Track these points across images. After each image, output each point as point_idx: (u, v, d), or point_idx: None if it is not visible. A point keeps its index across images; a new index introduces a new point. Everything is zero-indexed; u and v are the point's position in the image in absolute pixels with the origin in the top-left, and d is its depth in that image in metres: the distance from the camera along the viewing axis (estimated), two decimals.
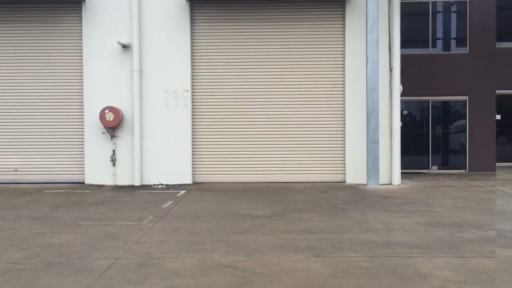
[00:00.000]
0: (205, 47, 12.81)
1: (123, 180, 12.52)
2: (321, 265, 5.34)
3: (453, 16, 16.12)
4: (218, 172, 12.80)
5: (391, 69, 12.36)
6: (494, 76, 15.52)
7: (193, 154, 12.73)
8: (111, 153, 12.51)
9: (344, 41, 12.67)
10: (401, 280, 4.78)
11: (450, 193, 10.82)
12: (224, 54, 12.84)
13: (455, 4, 15.98)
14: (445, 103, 16.00)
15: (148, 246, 6.21)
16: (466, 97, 15.65)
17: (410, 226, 7.29)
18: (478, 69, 15.51)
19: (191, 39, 12.71)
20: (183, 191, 11.29)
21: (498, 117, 15.67)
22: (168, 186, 12.14)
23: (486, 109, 15.52)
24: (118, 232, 7.03)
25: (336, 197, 10.29)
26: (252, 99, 12.84)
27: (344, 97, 12.67)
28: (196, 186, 12.15)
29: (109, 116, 12.18)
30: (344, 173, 12.67)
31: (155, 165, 12.56)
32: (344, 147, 12.62)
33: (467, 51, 15.65)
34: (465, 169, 15.64)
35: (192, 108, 12.74)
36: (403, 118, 14.32)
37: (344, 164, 12.65)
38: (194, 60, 12.78)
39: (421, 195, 10.47)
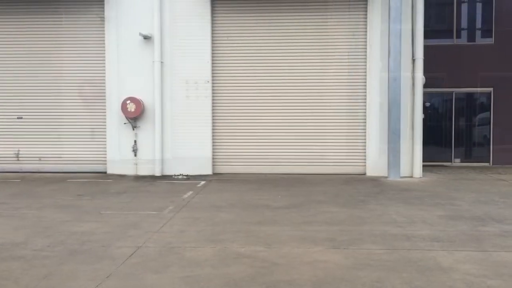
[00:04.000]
0: (226, 37, 12.81)
1: (144, 170, 12.65)
2: (340, 256, 5.34)
3: (478, 6, 15.77)
4: (238, 163, 12.84)
5: (413, 60, 12.18)
6: None
7: (213, 145, 12.78)
8: (133, 143, 12.66)
9: (366, 31, 12.52)
10: (421, 273, 4.75)
11: (472, 186, 10.67)
12: (245, 44, 12.83)
13: None
14: (469, 94, 15.73)
15: (169, 236, 6.28)
16: (491, 89, 15.35)
17: (431, 219, 7.22)
18: (504, 60, 15.18)
19: (212, 30, 12.72)
20: (203, 182, 11.36)
21: None
22: (188, 177, 12.23)
23: None
24: (140, 221, 7.12)
25: (356, 189, 10.24)
26: (273, 89, 12.81)
27: (365, 88, 12.55)
28: (216, 177, 12.21)
29: (131, 107, 12.31)
30: (365, 165, 12.58)
31: (176, 155, 12.65)
32: (365, 139, 12.53)
33: (492, 42, 15.33)
34: (489, 162, 15.39)
35: (213, 99, 12.77)
36: (425, 110, 14.11)
37: (365, 156, 12.57)
38: (214, 51, 12.80)
39: (442, 188, 10.35)
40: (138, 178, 12.16)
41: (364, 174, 12.51)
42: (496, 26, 15.30)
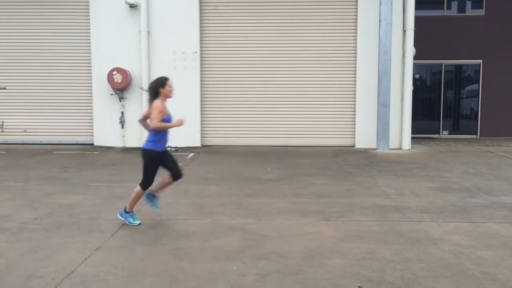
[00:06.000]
0: (214, 7, 12.53)
1: (132, 142, 12.49)
2: (330, 228, 5.33)
3: None
4: (227, 135, 12.74)
5: (404, 31, 12.05)
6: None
7: (201, 117, 12.64)
8: (120, 115, 12.47)
9: (356, 2, 12.33)
10: (412, 245, 4.76)
11: (460, 158, 10.73)
12: (234, 15, 12.57)
13: None
14: (458, 66, 15.70)
15: None
16: (480, 61, 15.32)
17: (420, 191, 7.24)
18: (494, 32, 15.10)
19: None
20: (191, 154, 11.26)
21: None
22: (177, 149, 12.10)
23: (502, 74, 15.17)
24: (128, 194, 7.02)
25: (346, 161, 10.24)
26: (262, 61, 12.62)
27: (355, 60, 12.43)
28: (204, 149, 12.12)
29: (117, 78, 12.07)
30: (354, 137, 12.56)
31: None
32: (355, 111, 12.48)
33: (483, 13, 15.21)
34: (476, 134, 15.48)
35: (201, 70, 12.57)
36: (414, 82, 14.03)
37: (354, 128, 12.54)
38: (203, 21, 12.52)
39: (431, 160, 10.39)
40: (125, 150, 12.03)
41: (353, 146, 12.50)
42: None
